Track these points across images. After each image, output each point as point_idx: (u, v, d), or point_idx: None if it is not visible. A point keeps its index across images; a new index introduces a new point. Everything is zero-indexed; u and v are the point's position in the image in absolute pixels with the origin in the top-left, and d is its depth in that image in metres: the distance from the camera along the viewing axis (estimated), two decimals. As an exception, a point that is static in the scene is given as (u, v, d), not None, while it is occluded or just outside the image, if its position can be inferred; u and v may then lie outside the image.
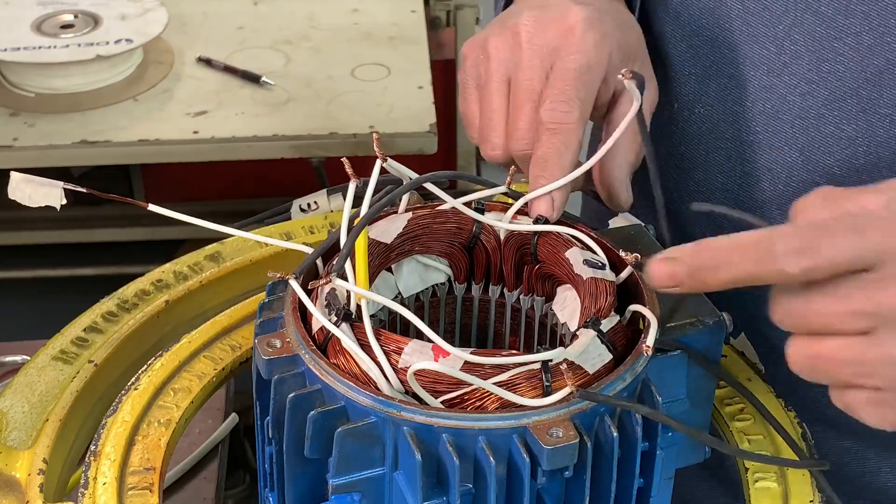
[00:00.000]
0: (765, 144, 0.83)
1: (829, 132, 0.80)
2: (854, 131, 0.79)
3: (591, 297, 0.67)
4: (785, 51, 0.80)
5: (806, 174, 0.81)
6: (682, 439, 0.68)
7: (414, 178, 0.72)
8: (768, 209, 0.84)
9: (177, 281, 0.83)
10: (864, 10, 0.76)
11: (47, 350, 0.77)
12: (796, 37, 0.79)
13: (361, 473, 0.62)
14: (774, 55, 0.80)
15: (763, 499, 0.69)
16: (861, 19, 0.76)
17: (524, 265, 0.74)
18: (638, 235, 0.75)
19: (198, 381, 0.74)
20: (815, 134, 0.80)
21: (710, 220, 0.86)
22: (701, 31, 0.85)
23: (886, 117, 0.78)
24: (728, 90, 0.84)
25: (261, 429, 0.68)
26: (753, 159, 0.84)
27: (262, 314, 0.68)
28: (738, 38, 0.82)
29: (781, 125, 0.81)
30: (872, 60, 0.77)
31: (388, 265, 0.73)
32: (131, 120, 1.42)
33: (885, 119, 0.78)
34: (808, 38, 0.78)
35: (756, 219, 0.63)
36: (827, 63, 0.78)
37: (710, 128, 0.86)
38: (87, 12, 1.52)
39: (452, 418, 0.60)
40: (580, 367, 0.63)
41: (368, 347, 0.63)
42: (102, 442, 0.69)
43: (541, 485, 0.61)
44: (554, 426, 0.60)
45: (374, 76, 1.53)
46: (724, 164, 0.86)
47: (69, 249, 1.70)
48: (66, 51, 1.45)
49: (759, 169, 0.83)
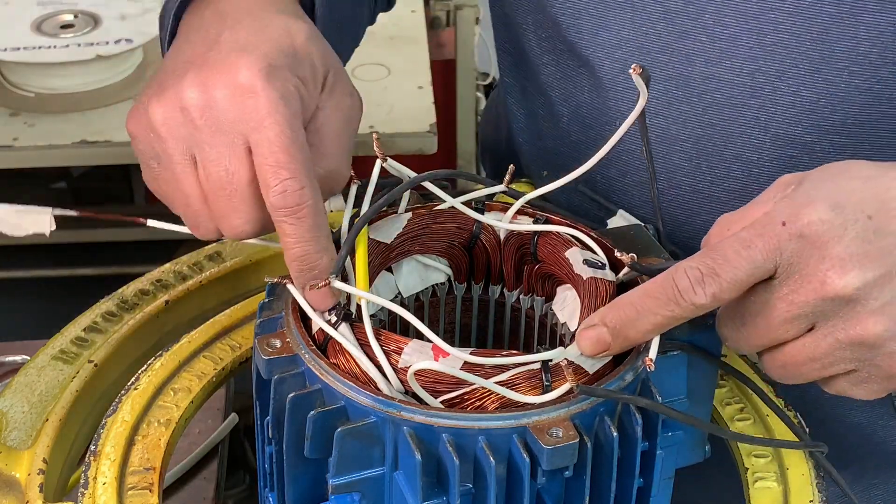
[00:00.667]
0: (725, 134, 0.81)
1: (788, 102, 0.78)
2: (813, 94, 0.78)
3: (591, 296, 0.67)
4: (718, 37, 0.78)
5: (777, 150, 0.80)
6: (682, 439, 0.68)
7: (412, 178, 0.72)
8: (748, 198, 0.83)
9: (177, 281, 0.83)
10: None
11: (47, 350, 0.77)
12: (727, 21, 0.77)
13: (361, 473, 0.62)
14: (708, 45, 0.79)
15: (763, 499, 0.69)
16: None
17: (524, 265, 0.74)
18: (637, 235, 0.75)
19: (198, 380, 0.74)
20: (774, 109, 0.79)
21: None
22: (623, 44, 0.82)
23: (844, 70, 0.76)
24: (670, 92, 0.82)
25: (261, 429, 0.68)
26: (718, 153, 0.82)
27: (262, 314, 0.68)
28: (665, 38, 0.80)
29: (737, 110, 0.80)
30: (815, 19, 0.75)
31: (388, 265, 0.73)
32: (131, 120, 1.42)
33: (842, 73, 0.76)
34: (741, 18, 0.77)
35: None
36: (769, 36, 0.77)
37: (662, 135, 0.84)
38: (87, 12, 1.52)
39: (452, 418, 0.60)
40: (580, 367, 0.63)
41: (368, 347, 0.63)
42: (102, 442, 0.69)
43: (541, 485, 0.61)
44: (554, 426, 0.60)
45: (374, 76, 1.53)
46: (687, 166, 0.84)
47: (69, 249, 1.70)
48: (66, 51, 1.45)
49: (726, 160, 0.82)
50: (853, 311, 0.60)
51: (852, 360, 0.62)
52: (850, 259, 0.60)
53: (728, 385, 0.76)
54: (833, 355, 0.62)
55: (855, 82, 0.77)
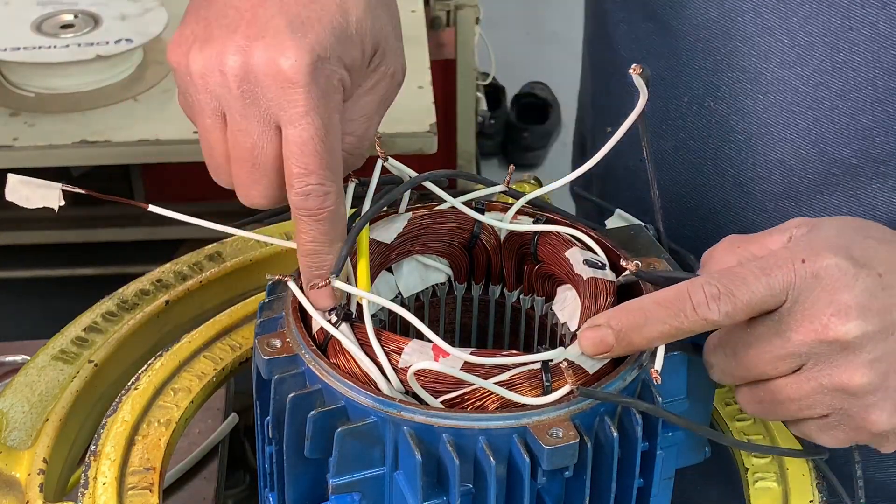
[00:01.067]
0: (777, 137, 0.82)
1: (844, 123, 0.79)
2: (870, 121, 0.79)
3: (591, 297, 0.67)
4: (798, 42, 0.79)
5: (822, 166, 0.81)
6: (682, 439, 0.68)
7: (413, 177, 0.72)
8: (782, 203, 0.84)
9: (177, 281, 0.83)
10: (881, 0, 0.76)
11: (47, 350, 0.77)
12: (811, 28, 0.78)
13: (361, 473, 0.62)
14: (788, 47, 0.80)
15: (763, 499, 0.69)
16: (878, 8, 0.76)
17: (524, 265, 0.74)
18: (637, 235, 0.75)
19: (198, 380, 0.74)
20: (828, 126, 0.80)
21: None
22: (709, 24, 0.84)
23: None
24: (739, 83, 0.83)
25: (261, 429, 0.68)
26: (765, 153, 0.83)
27: (262, 314, 0.68)
28: (750, 30, 0.81)
29: (794, 117, 0.81)
30: (889, 50, 0.76)
31: (388, 265, 0.73)
32: (131, 120, 1.42)
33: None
34: (822, 30, 0.78)
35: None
36: (841, 53, 0.78)
37: (721, 121, 0.85)
38: (87, 12, 1.52)
39: (452, 418, 0.60)
40: (580, 367, 0.63)
41: (369, 347, 0.63)
42: (102, 442, 0.69)
43: (541, 485, 0.61)
44: (554, 426, 0.60)
45: (373, 76, 1.53)
46: (735, 157, 0.85)
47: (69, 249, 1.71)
48: (66, 51, 1.45)
49: (771, 162, 0.83)
50: (845, 358, 0.62)
51: (829, 406, 0.63)
52: (855, 308, 0.61)
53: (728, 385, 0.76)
54: (812, 398, 0.63)
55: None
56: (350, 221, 0.68)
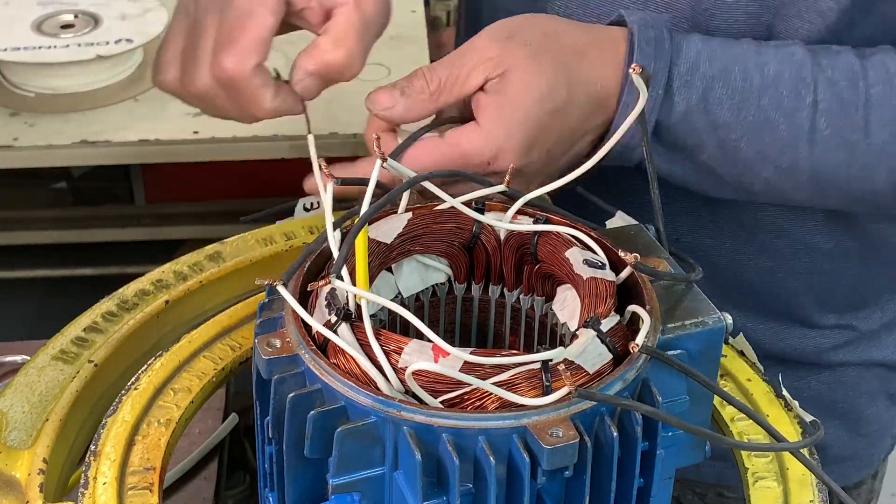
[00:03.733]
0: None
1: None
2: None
3: (591, 296, 0.67)
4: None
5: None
6: (682, 439, 0.68)
7: (412, 177, 0.72)
8: None
9: (177, 281, 0.83)
10: None
11: (47, 350, 0.77)
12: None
13: (361, 473, 0.62)
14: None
15: (763, 499, 0.69)
16: None
17: (524, 265, 0.74)
18: (637, 235, 0.75)
19: (198, 380, 0.74)
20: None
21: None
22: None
23: None
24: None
25: (261, 429, 0.68)
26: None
27: (262, 314, 0.68)
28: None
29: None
30: None
31: (388, 265, 0.73)
32: (131, 120, 1.42)
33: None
34: None
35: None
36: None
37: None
38: (87, 12, 1.52)
39: (452, 418, 0.60)
40: (580, 367, 0.63)
41: (368, 347, 0.63)
42: (102, 442, 0.69)
43: (541, 485, 0.61)
44: (554, 426, 0.60)
45: (374, 76, 1.53)
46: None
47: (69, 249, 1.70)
48: (66, 51, 1.45)
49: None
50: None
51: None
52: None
53: (728, 385, 0.76)
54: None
55: None
56: (339, 224, 0.68)
